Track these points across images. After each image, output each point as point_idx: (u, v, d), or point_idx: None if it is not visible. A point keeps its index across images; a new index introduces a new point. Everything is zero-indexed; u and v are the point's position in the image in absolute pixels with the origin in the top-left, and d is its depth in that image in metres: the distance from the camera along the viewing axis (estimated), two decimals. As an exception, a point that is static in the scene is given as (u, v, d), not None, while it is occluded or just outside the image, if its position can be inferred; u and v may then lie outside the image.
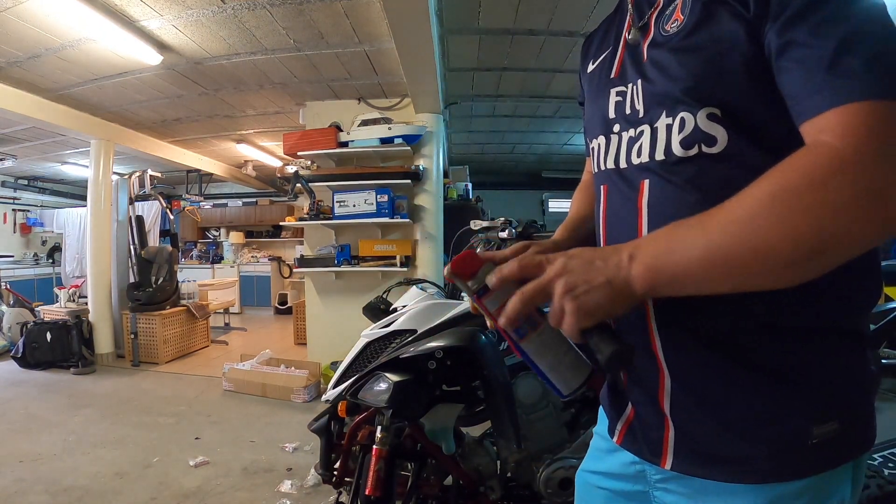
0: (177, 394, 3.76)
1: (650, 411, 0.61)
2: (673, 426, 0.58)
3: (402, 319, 1.40)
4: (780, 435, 0.52)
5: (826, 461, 0.52)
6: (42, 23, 2.80)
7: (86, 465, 2.53)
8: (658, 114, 0.56)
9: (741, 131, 0.51)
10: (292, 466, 2.49)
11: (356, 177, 3.99)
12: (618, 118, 0.62)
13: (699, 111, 0.52)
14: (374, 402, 1.25)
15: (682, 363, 0.57)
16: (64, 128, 4.34)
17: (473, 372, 1.27)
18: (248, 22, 2.88)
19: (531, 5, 2.87)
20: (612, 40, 0.68)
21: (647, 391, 0.61)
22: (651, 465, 0.62)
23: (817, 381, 0.52)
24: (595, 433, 0.77)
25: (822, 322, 0.52)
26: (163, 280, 4.96)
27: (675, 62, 0.55)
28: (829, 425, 0.51)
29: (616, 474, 0.68)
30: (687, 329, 0.56)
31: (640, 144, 0.58)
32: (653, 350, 0.59)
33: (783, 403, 0.52)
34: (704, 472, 0.56)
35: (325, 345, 4.10)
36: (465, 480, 1.47)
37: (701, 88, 0.52)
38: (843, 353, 0.53)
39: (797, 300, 0.50)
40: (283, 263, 8.47)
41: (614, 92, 0.63)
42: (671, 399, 0.58)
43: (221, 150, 6.27)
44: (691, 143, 0.53)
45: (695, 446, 0.56)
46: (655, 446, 0.60)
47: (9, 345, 4.92)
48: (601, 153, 0.65)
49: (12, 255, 7.60)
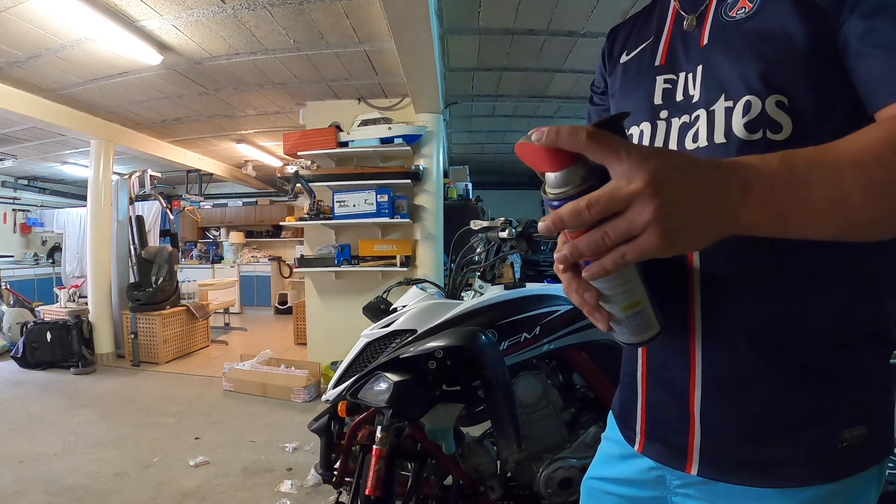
0: (177, 394, 3.76)
1: (675, 413, 0.58)
2: (700, 429, 0.56)
3: (402, 319, 1.40)
4: (814, 438, 0.52)
5: (855, 465, 0.52)
6: (42, 23, 2.79)
7: (86, 464, 2.53)
8: (716, 97, 0.55)
9: (805, 121, 0.51)
10: (292, 466, 2.49)
11: (356, 177, 3.99)
12: (666, 105, 0.61)
13: (768, 97, 0.51)
14: (374, 402, 1.25)
15: (719, 361, 0.55)
16: (64, 128, 4.34)
17: (473, 372, 1.27)
18: (248, 22, 2.88)
19: (531, 5, 2.87)
20: (654, 30, 0.67)
21: (673, 391, 0.58)
22: (672, 471, 0.60)
23: (851, 384, 0.52)
24: (605, 438, 0.75)
25: (861, 326, 0.53)
26: (163, 280, 4.96)
27: (746, 47, 0.54)
28: (859, 429, 0.51)
29: (631, 480, 0.66)
30: (732, 323, 0.54)
31: (695, 130, 0.57)
32: (689, 343, 0.56)
33: (819, 407, 0.52)
34: (732, 478, 0.54)
35: (325, 345, 4.10)
36: (465, 480, 1.47)
37: (772, 74, 0.51)
38: (874, 358, 0.54)
39: (844, 302, 0.51)
40: (284, 263, 8.47)
41: (661, 79, 0.62)
42: (701, 400, 0.56)
43: (221, 150, 6.27)
44: (756, 127, 0.52)
45: (723, 450, 0.55)
46: (679, 451, 0.58)
47: (9, 345, 4.92)
48: (642, 140, 0.63)
49: (12, 255, 7.60)
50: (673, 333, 0.56)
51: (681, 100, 0.59)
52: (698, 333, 0.56)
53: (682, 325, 0.57)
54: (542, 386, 1.43)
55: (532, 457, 1.41)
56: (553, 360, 1.51)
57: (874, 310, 0.53)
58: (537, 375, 1.44)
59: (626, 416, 0.66)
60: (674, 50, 0.62)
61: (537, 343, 1.37)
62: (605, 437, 0.75)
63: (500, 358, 1.27)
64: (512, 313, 1.37)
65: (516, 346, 1.36)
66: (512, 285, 1.47)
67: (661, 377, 0.61)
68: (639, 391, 0.64)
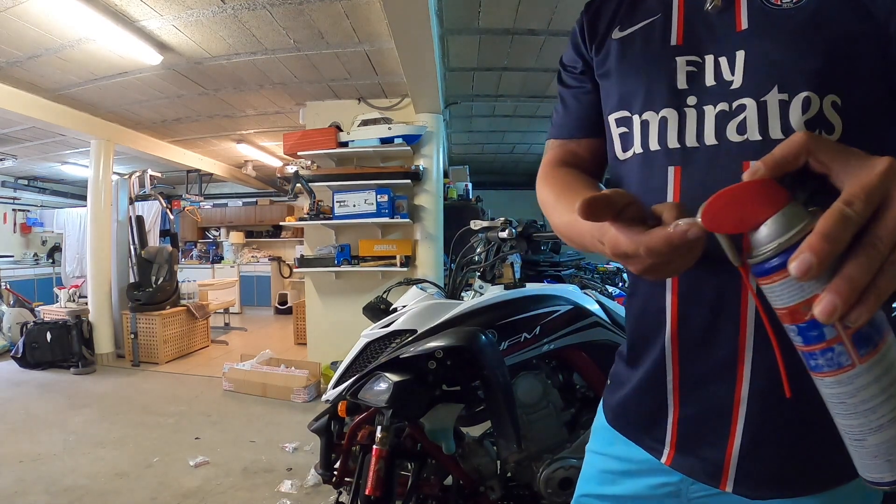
0: (177, 394, 3.76)
1: (714, 426, 0.54)
2: (740, 444, 0.52)
3: (402, 319, 1.40)
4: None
5: None
6: (42, 23, 2.79)
7: (86, 465, 2.53)
8: (768, 88, 0.50)
9: (854, 125, 0.49)
10: (292, 466, 2.49)
11: (356, 177, 3.99)
12: (694, 90, 0.55)
13: (825, 96, 0.48)
14: (374, 402, 1.25)
15: (770, 375, 0.50)
16: (64, 128, 4.34)
17: (473, 372, 1.27)
18: (248, 22, 2.88)
19: (531, 5, 2.87)
20: (658, 5, 0.61)
21: (714, 403, 0.54)
22: (692, 483, 0.57)
23: None
24: (594, 453, 0.70)
25: None
26: (163, 280, 4.96)
27: (802, 39, 0.50)
28: None
29: (637, 497, 0.62)
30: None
31: (740, 120, 0.51)
32: (737, 353, 0.52)
33: None
34: (765, 493, 0.52)
35: (325, 345, 4.10)
36: (465, 480, 1.47)
37: (829, 72, 0.49)
38: None
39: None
40: (283, 263, 8.47)
41: (682, 60, 0.56)
42: (746, 415, 0.52)
43: (221, 150, 6.27)
44: (813, 126, 0.49)
45: (761, 467, 0.52)
46: (715, 466, 0.54)
47: (9, 345, 4.92)
48: (666, 129, 0.56)
49: (12, 255, 7.59)
50: (719, 342, 0.53)
51: (713, 85, 0.54)
52: (749, 344, 0.52)
53: (732, 335, 0.53)
54: (543, 386, 1.43)
55: (532, 457, 1.41)
56: (553, 360, 1.51)
57: None
58: (537, 375, 1.44)
59: (649, 426, 0.61)
60: (694, 30, 0.57)
61: (537, 343, 1.37)
62: (596, 452, 0.70)
63: (500, 358, 1.27)
64: (512, 313, 1.36)
65: (516, 346, 1.35)
66: (512, 285, 1.47)
67: (701, 387, 0.56)
68: (670, 400, 0.59)
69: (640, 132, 0.58)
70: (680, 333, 0.56)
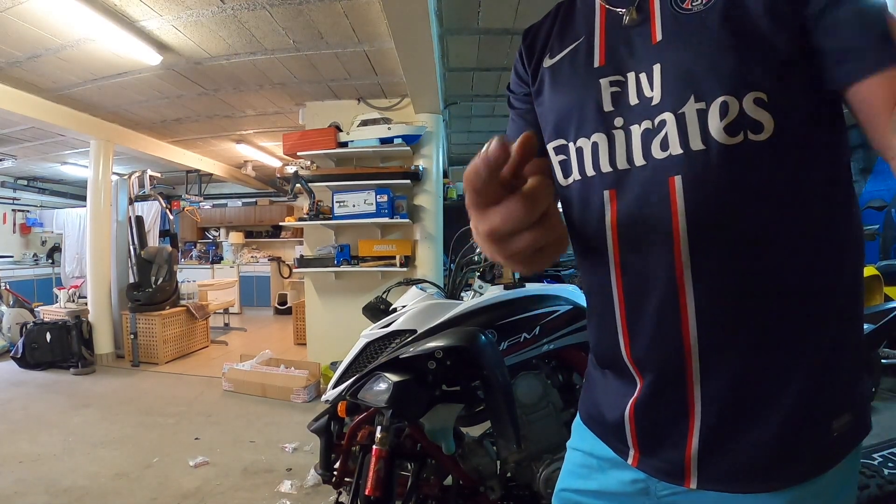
0: (176, 394, 3.76)
1: (672, 428, 0.55)
2: (698, 443, 0.53)
3: (401, 319, 1.40)
4: (812, 436, 0.51)
5: (842, 451, 0.53)
6: (41, 23, 2.79)
7: (85, 465, 2.53)
8: (684, 99, 0.50)
9: (788, 119, 0.48)
10: (292, 467, 2.49)
11: (356, 177, 3.99)
12: (620, 110, 0.55)
13: (745, 95, 0.47)
14: (373, 402, 1.25)
15: (720, 358, 0.52)
16: (63, 128, 4.34)
17: (473, 372, 1.27)
18: (247, 22, 2.88)
19: (531, 5, 2.87)
20: (582, 29, 0.60)
21: (671, 406, 0.55)
22: (660, 482, 0.58)
23: (842, 372, 0.53)
24: (574, 449, 0.71)
25: (856, 309, 0.53)
26: (162, 280, 4.96)
27: (713, 40, 0.49)
28: (845, 417, 0.52)
29: (611, 493, 0.63)
30: (729, 336, 0.51)
31: (662, 136, 0.51)
32: (684, 348, 0.52)
33: (817, 400, 0.51)
34: (730, 487, 0.53)
35: (324, 345, 4.10)
36: (465, 480, 1.47)
37: (746, 70, 0.47)
38: (858, 341, 0.54)
39: (851, 287, 0.52)
40: (283, 263, 8.46)
41: (606, 82, 0.55)
42: (702, 414, 0.53)
43: (221, 150, 6.27)
44: (736, 130, 0.48)
45: (722, 462, 0.53)
46: (677, 466, 0.55)
47: (8, 345, 4.92)
48: (598, 154, 0.56)
49: (12, 255, 7.60)
50: (666, 349, 0.54)
51: (636, 103, 0.54)
52: (694, 350, 0.52)
53: (678, 343, 0.53)
54: (542, 386, 1.43)
55: (532, 457, 1.41)
56: (553, 360, 1.51)
57: (859, 292, 0.54)
58: (537, 375, 1.44)
59: (615, 428, 0.62)
60: (614, 48, 0.56)
61: (537, 343, 1.37)
62: (574, 448, 0.71)
63: (499, 358, 1.27)
64: (512, 313, 1.37)
65: (516, 347, 1.36)
66: (512, 285, 1.47)
67: (656, 391, 0.57)
68: (628, 405, 0.60)
69: (577, 159, 0.59)
70: (631, 341, 0.57)
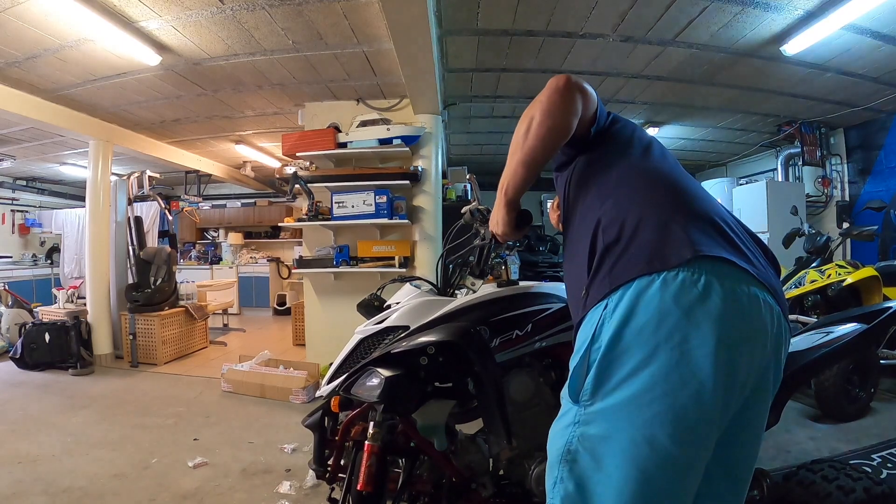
0: (175, 395, 3.76)
1: None
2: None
3: (395, 316, 1.40)
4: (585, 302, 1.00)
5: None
6: (41, 23, 2.80)
7: (84, 466, 2.53)
8: None
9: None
10: (291, 467, 2.49)
11: (355, 178, 4.00)
12: None
13: None
14: (366, 396, 1.25)
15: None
16: (62, 128, 4.34)
17: (465, 368, 1.27)
18: (246, 23, 2.88)
19: (530, 6, 2.88)
20: None
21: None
22: None
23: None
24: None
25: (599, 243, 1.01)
26: (161, 281, 4.95)
27: None
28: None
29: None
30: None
31: None
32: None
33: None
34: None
35: (323, 346, 4.11)
36: (457, 477, 1.46)
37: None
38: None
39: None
40: (282, 264, 8.47)
41: None
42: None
43: (220, 150, 6.28)
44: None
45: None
46: None
47: (7, 346, 4.91)
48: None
49: (11, 255, 7.59)
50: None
51: None
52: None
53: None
54: (535, 384, 1.42)
55: (524, 454, 1.41)
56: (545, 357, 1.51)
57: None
58: (529, 373, 1.43)
59: None
60: None
61: (529, 340, 1.36)
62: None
63: (490, 354, 1.27)
64: (504, 310, 1.36)
65: (508, 343, 1.35)
66: (505, 283, 1.47)
67: None
68: None
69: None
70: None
